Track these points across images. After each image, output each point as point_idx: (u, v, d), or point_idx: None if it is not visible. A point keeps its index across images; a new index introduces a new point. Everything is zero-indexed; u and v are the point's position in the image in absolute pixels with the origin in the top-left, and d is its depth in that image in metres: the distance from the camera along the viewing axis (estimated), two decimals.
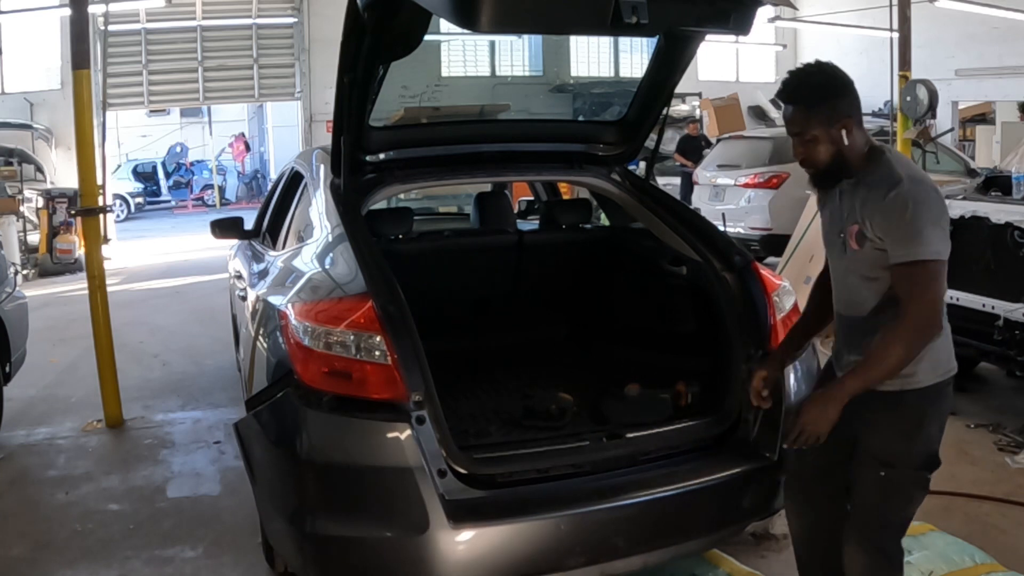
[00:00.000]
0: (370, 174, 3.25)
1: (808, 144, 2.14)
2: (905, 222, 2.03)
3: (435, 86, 11.97)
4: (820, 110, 2.10)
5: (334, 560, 2.42)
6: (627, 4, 2.11)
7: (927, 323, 2.05)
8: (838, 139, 2.11)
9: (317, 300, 2.66)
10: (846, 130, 2.10)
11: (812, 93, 2.12)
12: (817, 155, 2.14)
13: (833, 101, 2.11)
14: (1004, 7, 11.30)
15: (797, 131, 2.15)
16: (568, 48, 15.51)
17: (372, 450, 2.37)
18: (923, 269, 2.03)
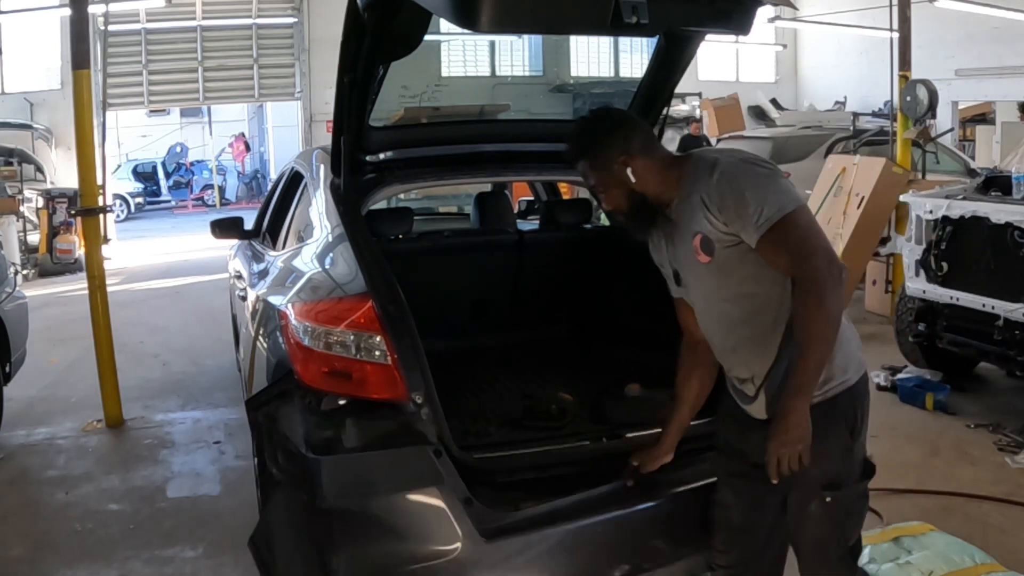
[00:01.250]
0: (370, 174, 3.24)
1: (601, 195, 2.09)
2: (743, 192, 1.88)
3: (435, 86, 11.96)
4: (592, 157, 2.06)
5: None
6: (627, 4, 2.10)
7: (830, 270, 1.84)
8: (624, 178, 2.03)
9: (317, 300, 2.66)
10: (628, 167, 2.03)
11: (579, 143, 2.09)
12: (615, 201, 2.07)
13: (600, 144, 2.05)
14: (1004, 7, 11.29)
15: (588, 185, 2.12)
16: (568, 48, 15.51)
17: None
18: (789, 223, 1.85)
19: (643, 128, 2.12)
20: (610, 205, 2.08)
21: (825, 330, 1.84)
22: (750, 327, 1.99)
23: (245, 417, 2.96)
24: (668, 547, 2.55)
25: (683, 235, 2.02)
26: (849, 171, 7.31)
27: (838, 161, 7.73)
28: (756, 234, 1.86)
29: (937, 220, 4.75)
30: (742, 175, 1.90)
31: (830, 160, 7.98)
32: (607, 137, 2.05)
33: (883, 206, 6.86)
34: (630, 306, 3.87)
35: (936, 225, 4.77)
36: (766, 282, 1.94)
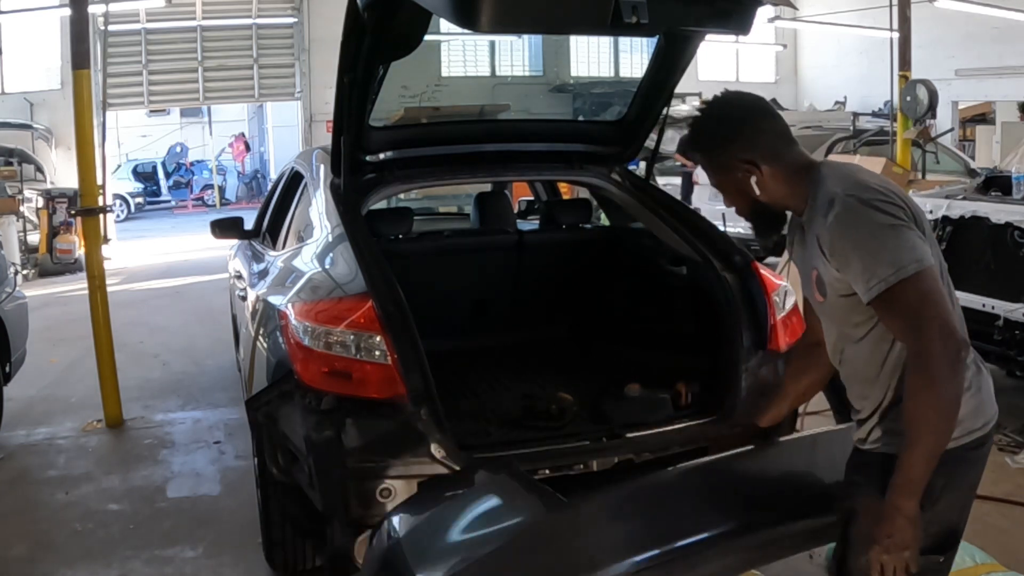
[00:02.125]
0: (370, 174, 3.25)
1: (723, 192, 1.87)
2: (857, 244, 1.63)
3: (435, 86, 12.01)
4: (720, 153, 1.82)
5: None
6: (627, 4, 2.11)
7: (945, 346, 1.57)
8: (748, 187, 1.80)
9: (317, 300, 2.67)
10: (752, 176, 1.79)
11: (696, 139, 1.87)
12: (737, 204, 1.87)
13: (725, 147, 1.81)
14: (1004, 7, 11.29)
15: (712, 184, 1.90)
16: (568, 48, 15.52)
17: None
18: (907, 289, 1.58)
19: (774, 125, 1.83)
20: (730, 205, 1.88)
21: (932, 417, 1.57)
22: (854, 370, 1.82)
23: (245, 417, 2.97)
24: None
25: (807, 258, 1.81)
26: None
27: None
28: (866, 296, 1.63)
29: (937, 220, 4.75)
30: (859, 224, 1.63)
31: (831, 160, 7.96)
32: (728, 140, 1.81)
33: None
34: (630, 306, 3.87)
35: (936, 225, 4.76)
36: (876, 339, 1.73)
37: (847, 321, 1.76)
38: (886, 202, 1.64)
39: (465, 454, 2.48)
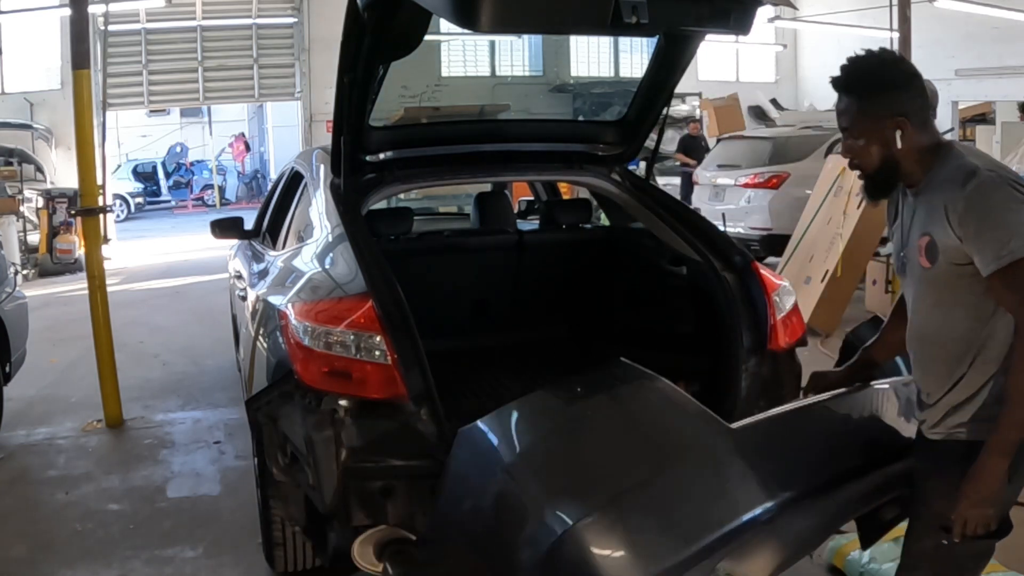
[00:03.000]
0: (370, 174, 3.24)
1: (855, 140, 1.84)
2: (993, 215, 1.68)
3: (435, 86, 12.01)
4: (871, 104, 1.81)
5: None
6: (627, 4, 2.10)
7: None
8: (890, 140, 1.80)
9: (317, 300, 2.67)
10: (900, 130, 1.80)
11: (864, 83, 1.82)
12: (866, 156, 1.84)
13: (888, 94, 1.80)
14: (1004, 7, 11.29)
15: (845, 126, 1.86)
16: (568, 48, 15.53)
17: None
18: None
19: (926, 95, 1.85)
20: (857, 157, 1.86)
21: None
22: (938, 347, 1.85)
23: (245, 417, 2.96)
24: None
25: (914, 226, 1.85)
26: (849, 171, 7.29)
27: (838, 161, 7.72)
28: (992, 265, 1.68)
29: None
30: (999, 196, 1.69)
31: (830, 160, 7.97)
32: (895, 87, 1.81)
33: (883, 206, 6.84)
34: (630, 306, 3.87)
35: None
36: (973, 317, 1.78)
37: (949, 291, 1.79)
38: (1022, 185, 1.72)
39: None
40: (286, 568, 3.02)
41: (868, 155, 1.84)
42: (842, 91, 1.85)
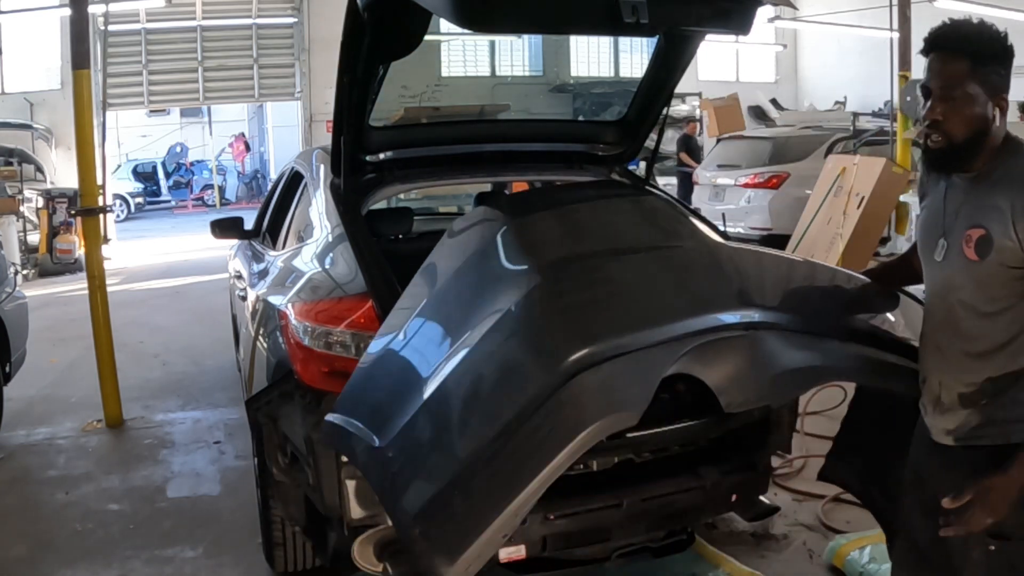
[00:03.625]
0: (370, 174, 3.24)
1: (956, 103, 1.72)
2: None
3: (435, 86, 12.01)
4: (987, 71, 1.71)
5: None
6: (627, 4, 2.10)
7: None
8: (988, 115, 1.72)
9: (317, 300, 2.67)
10: (999, 108, 1.73)
11: (986, 48, 1.73)
12: (959, 123, 1.72)
13: (1000, 69, 1.73)
14: (1004, 7, 11.27)
15: (947, 84, 1.72)
16: (568, 48, 15.53)
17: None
18: None
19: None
20: (949, 123, 1.73)
21: None
22: (965, 343, 1.79)
23: (245, 417, 2.97)
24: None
25: (963, 214, 1.77)
26: (849, 171, 7.31)
27: (838, 161, 7.74)
28: None
29: None
30: None
31: (830, 160, 7.99)
32: (1009, 68, 1.75)
33: (883, 206, 6.88)
34: None
35: None
36: (1010, 319, 1.73)
37: (991, 290, 1.73)
38: None
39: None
40: (286, 568, 3.02)
41: (962, 122, 1.72)
42: (953, 50, 1.73)
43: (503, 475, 1.76)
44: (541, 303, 1.91)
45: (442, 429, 1.89)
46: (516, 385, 1.83)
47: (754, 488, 2.81)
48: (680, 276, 2.10)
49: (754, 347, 2.02)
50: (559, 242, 2.10)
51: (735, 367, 1.98)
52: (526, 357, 1.88)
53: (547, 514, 2.44)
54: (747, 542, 3.27)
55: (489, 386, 1.88)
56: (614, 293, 1.98)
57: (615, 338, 1.85)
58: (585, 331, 1.86)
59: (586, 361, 1.80)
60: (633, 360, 1.83)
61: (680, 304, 2.02)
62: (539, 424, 1.74)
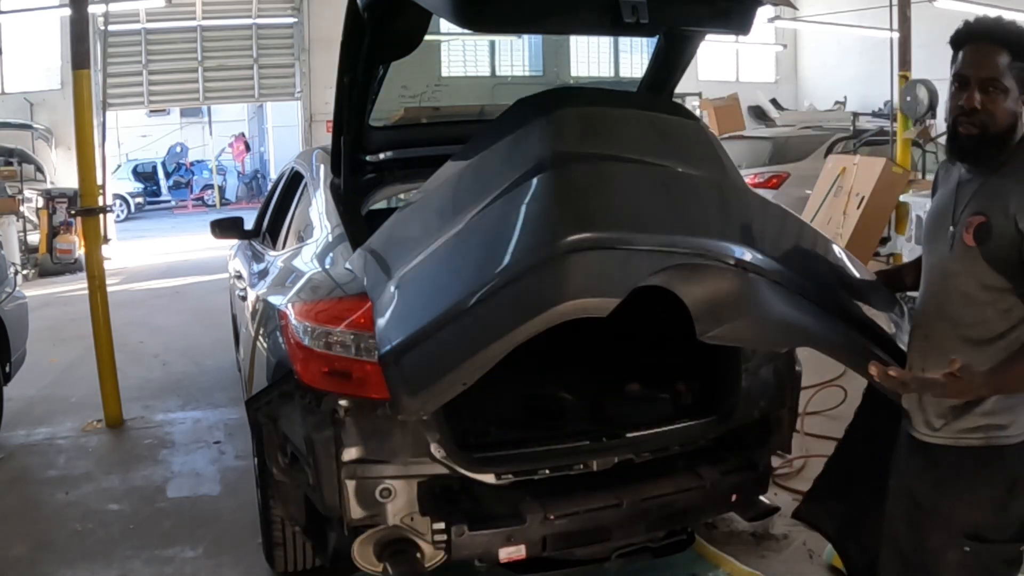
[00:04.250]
0: (370, 174, 3.24)
1: (995, 94, 1.76)
2: None
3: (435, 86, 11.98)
4: (1021, 67, 1.77)
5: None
6: (627, 4, 2.10)
7: None
8: (1016, 108, 1.78)
9: (317, 300, 2.66)
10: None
11: (1022, 44, 1.77)
12: (998, 110, 1.77)
13: None
14: (1004, 7, 11.26)
15: (992, 74, 1.77)
16: (568, 48, 15.51)
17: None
18: None
19: None
20: (986, 113, 1.77)
21: None
22: (959, 328, 1.82)
23: (245, 417, 2.97)
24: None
25: (971, 203, 1.81)
26: (849, 171, 7.31)
27: (838, 161, 7.74)
28: None
29: None
30: None
31: (830, 160, 7.99)
32: None
33: (883, 206, 6.87)
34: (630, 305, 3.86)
35: None
36: (1002, 309, 1.77)
37: (988, 277, 1.76)
38: None
39: (465, 454, 2.47)
40: (286, 568, 3.02)
41: (1000, 113, 1.77)
42: (995, 42, 1.78)
43: (474, 329, 1.94)
44: (554, 187, 2.01)
45: (436, 277, 2.05)
46: (512, 251, 1.95)
47: (754, 488, 2.81)
48: (695, 199, 2.17)
49: (743, 284, 2.07)
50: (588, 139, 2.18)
51: (718, 296, 2.04)
52: (528, 228, 1.99)
53: (547, 514, 2.44)
54: (747, 542, 3.27)
55: (486, 248, 2.01)
56: (626, 195, 2.07)
57: (614, 232, 1.95)
58: (588, 218, 1.94)
59: (581, 245, 1.91)
60: (624, 256, 1.94)
61: (686, 222, 2.10)
62: (522, 289, 1.90)
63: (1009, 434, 1.78)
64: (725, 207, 2.24)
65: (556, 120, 2.20)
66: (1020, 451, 1.79)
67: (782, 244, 2.23)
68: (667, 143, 2.28)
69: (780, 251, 2.19)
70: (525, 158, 2.13)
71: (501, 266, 1.94)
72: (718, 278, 2.06)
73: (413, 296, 2.10)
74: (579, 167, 2.06)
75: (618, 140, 2.20)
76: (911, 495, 1.90)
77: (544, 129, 2.18)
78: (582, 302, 1.93)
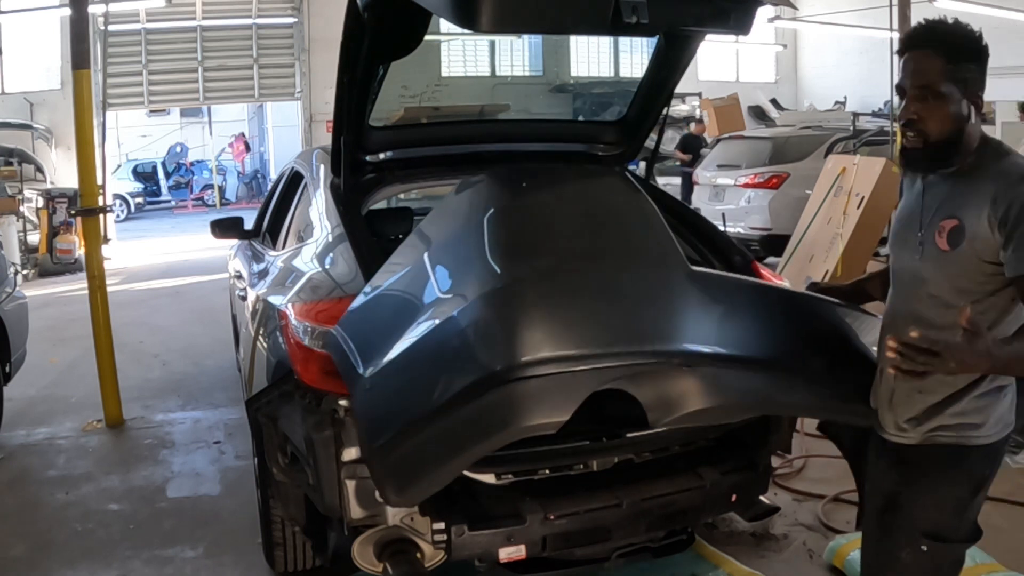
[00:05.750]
0: (370, 174, 3.24)
1: (932, 102, 1.74)
2: None
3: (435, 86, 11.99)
4: (961, 69, 1.73)
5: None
6: (627, 4, 2.10)
7: None
8: (964, 113, 1.74)
9: (317, 300, 2.66)
10: (975, 106, 1.76)
11: (959, 46, 1.74)
12: (936, 121, 1.74)
13: (975, 68, 1.74)
14: (1004, 7, 11.30)
15: (924, 82, 1.73)
16: (568, 48, 15.51)
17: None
18: None
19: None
20: (924, 122, 1.75)
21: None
22: (941, 330, 1.74)
23: (245, 417, 2.97)
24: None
25: (941, 208, 1.78)
26: (849, 171, 7.31)
27: (838, 161, 7.73)
28: (1016, 271, 1.67)
29: None
30: None
31: (830, 160, 7.98)
32: (981, 64, 1.76)
33: (883, 206, 6.86)
34: None
35: None
36: (977, 312, 1.67)
37: (959, 281, 1.75)
38: None
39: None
40: (286, 568, 3.02)
41: (939, 121, 1.74)
42: (930, 47, 1.74)
43: (442, 440, 2.02)
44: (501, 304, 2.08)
45: (407, 382, 2.12)
46: (465, 369, 2.01)
47: (754, 488, 2.81)
48: (637, 299, 2.17)
49: (690, 381, 2.12)
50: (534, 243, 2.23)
51: (665, 393, 2.12)
52: (478, 350, 2.05)
53: (547, 514, 2.44)
54: (747, 542, 3.27)
55: (445, 361, 2.09)
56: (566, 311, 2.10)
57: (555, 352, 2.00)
58: (531, 342, 1.99)
59: (521, 374, 1.97)
60: (567, 376, 2.01)
61: (628, 330, 2.12)
62: (475, 411, 1.97)
63: (980, 435, 1.79)
64: (669, 297, 2.22)
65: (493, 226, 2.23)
66: (988, 452, 1.80)
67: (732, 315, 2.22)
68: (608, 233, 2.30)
69: (732, 325, 2.19)
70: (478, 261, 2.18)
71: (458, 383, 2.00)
72: (664, 378, 2.12)
73: (389, 395, 2.14)
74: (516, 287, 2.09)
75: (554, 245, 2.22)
76: (881, 495, 1.90)
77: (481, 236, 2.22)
78: (528, 426, 2.01)
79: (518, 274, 2.08)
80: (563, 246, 2.20)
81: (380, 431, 2.10)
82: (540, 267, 2.14)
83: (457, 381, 2.00)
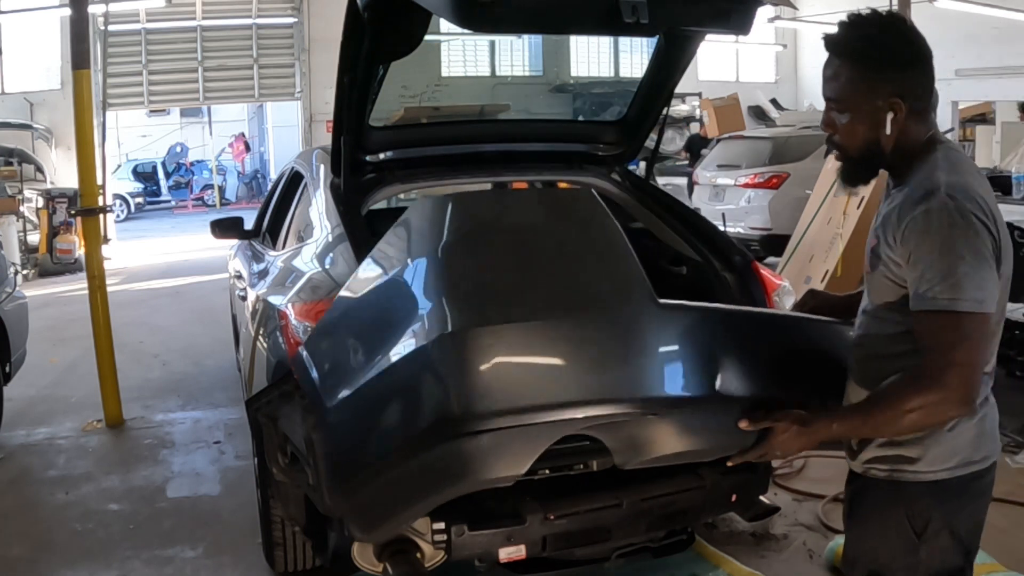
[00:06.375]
0: (370, 174, 3.24)
1: (840, 117, 1.60)
2: (932, 251, 1.47)
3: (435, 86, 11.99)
4: (867, 77, 1.55)
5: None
6: (627, 4, 2.10)
7: (957, 394, 1.50)
8: (879, 123, 1.56)
9: (317, 300, 2.66)
10: (893, 113, 1.55)
11: (864, 50, 1.55)
12: (848, 135, 1.60)
13: (889, 70, 1.54)
14: (1004, 7, 11.30)
15: (831, 95, 1.60)
16: (568, 48, 15.52)
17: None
18: (952, 323, 1.46)
19: (931, 81, 1.60)
20: (838, 135, 1.62)
21: (898, 416, 1.52)
22: (873, 360, 1.67)
23: (245, 417, 2.97)
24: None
25: (878, 224, 1.62)
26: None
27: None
28: (914, 302, 1.52)
29: None
30: (944, 232, 1.47)
31: (830, 160, 7.96)
32: (901, 65, 1.55)
33: None
34: None
35: None
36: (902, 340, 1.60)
37: (884, 302, 1.62)
38: (981, 224, 1.48)
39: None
40: (286, 568, 3.02)
41: (851, 135, 1.60)
42: (835, 54, 1.58)
43: (402, 487, 2.01)
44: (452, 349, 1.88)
45: (364, 422, 2.06)
46: (418, 419, 1.93)
47: (754, 488, 2.81)
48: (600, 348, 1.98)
49: (655, 428, 2.06)
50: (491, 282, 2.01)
51: (631, 438, 2.08)
52: (429, 400, 1.94)
53: (547, 514, 2.44)
54: (747, 542, 3.27)
55: (401, 407, 2.01)
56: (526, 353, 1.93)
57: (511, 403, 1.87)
58: (483, 393, 1.85)
59: (476, 426, 1.86)
60: (522, 431, 1.92)
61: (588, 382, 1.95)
62: (432, 461, 1.92)
63: (917, 469, 1.59)
64: (634, 337, 2.03)
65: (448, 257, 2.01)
66: (932, 491, 1.59)
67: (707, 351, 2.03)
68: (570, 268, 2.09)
69: (704, 361, 2.01)
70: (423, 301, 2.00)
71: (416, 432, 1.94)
72: (631, 426, 2.04)
73: (347, 433, 2.11)
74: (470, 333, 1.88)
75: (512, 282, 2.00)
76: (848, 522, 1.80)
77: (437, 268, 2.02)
78: (484, 479, 1.99)
79: (471, 319, 1.90)
80: (522, 283, 2.00)
81: (342, 471, 2.09)
82: (495, 309, 1.95)
83: (410, 430, 1.95)
